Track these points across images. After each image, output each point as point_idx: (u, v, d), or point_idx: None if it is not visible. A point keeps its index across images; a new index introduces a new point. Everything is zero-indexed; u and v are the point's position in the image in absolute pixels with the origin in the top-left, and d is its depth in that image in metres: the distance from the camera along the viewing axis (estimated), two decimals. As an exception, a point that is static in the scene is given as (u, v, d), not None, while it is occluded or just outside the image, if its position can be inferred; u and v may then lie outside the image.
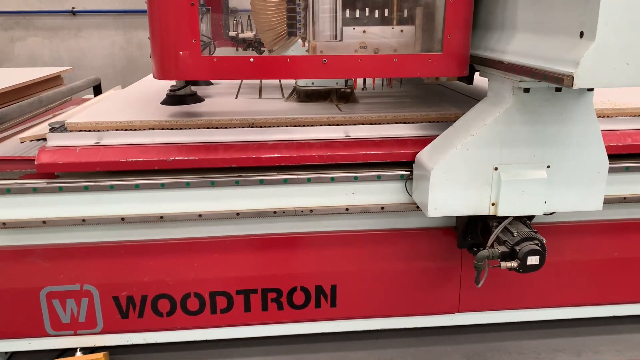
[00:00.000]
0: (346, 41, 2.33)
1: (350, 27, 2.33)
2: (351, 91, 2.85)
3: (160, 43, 2.18)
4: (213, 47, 2.88)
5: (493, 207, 2.21)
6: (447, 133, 2.31)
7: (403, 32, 2.36)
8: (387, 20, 2.36)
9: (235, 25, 3.07)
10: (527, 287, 2.71)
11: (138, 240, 2.45)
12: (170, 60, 2.17)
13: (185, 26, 2.11)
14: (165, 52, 2.17)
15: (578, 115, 2.11)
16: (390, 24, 2.36)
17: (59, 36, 7.46)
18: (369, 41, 2.34)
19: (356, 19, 2.35)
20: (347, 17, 2.33)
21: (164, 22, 2.14)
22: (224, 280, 2.55)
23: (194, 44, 2.13)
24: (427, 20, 2.33)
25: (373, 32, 2.35)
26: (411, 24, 2.36)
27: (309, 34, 2.33)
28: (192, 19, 2.10)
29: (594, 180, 2.21)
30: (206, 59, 2.19)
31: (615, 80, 1.62)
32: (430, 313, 2.74)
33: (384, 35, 2.35)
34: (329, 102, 2.86)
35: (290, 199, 2.42)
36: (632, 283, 2.76)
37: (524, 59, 1.92)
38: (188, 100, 2.76)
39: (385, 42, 2.35)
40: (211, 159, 2.33)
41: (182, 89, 2.75)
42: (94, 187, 2.31)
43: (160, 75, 2.25)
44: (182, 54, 2.13)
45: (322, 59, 2.23)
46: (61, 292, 2.48)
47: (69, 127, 2.40)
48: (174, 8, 2.09)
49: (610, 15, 1.57)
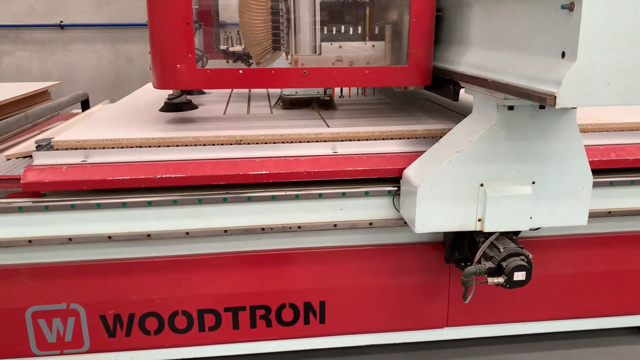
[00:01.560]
0: (324, 55, 2.64)
1: (328, 43, 2.63)
2: (330, 99, 3.14)
3: (159, 57, 2.45)
4: (206, 60, 3.04)
5: (479, 222, 2.23)
6: (434, 149, 2.33)
7: (375, 47, 2.67)
8: (360, 36, 2.67)
9: (226, 40, 3.28)
10: (514, 301, 2.73)
11: (125, 258, 2.44)
12: (168, 72, 2.45)
13: (181, 42, 2.39)
14: (164, 65, 2.45)
15: (562, 131, 2.14)
16: (363, 40, 2.67)
17: (47, 50, 7.44)
18: (344, 55, 2.64)
19: (333, 35, 2.66)
20: (325, 33, 2.64)
21: (163, 39, 2.42)
22: (212, 298, 2.54)
23: (189, 57, 2.42)
24: (395, 36, 2.63)
25: (348, 46, 2.65)
26: (381, 39, 2.67)
27: (292, 48, 2.63)
28: (188, 36, 2.39)
29: (578, 196, 2.24)
30: (200, 71, 2.47)
31: (596, 99, 1.65)
32: (419, 328, 2.75)
33: (358, 49, 2.66)
34: (311, 109, 3.14)
35: (278, 216, 2.43)
36: (617, 296, 2.79)
37: (508, 78, 1.95)
38: (184, 108, 3.01)
39: (359, 56, 2.65)
40: (198, 176, 2.33)
41: (178, 97, 2.98)
42: (81, 206, 2.30)
43: (160, 85, 2.52)
44: (179, 67, 2.42)
45: (303, 71, 2.52)
46: (47, 312, 2.46)
47: (55, 145, 2.39)
48: (172, 26, 2.38)
49: (590, 36, 1.60)
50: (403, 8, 2.55)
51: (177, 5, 2.35)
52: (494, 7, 2.15)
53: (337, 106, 3.19)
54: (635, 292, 2.80)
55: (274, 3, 2.59)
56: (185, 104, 3.02)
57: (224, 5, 3.55)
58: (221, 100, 3.51)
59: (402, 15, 2.58)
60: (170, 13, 2.37)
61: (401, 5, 2.57)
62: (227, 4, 3.51)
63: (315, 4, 2.57)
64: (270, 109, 3.18)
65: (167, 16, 2.38)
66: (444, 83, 2.56)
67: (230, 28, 3.26)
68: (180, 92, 2.98)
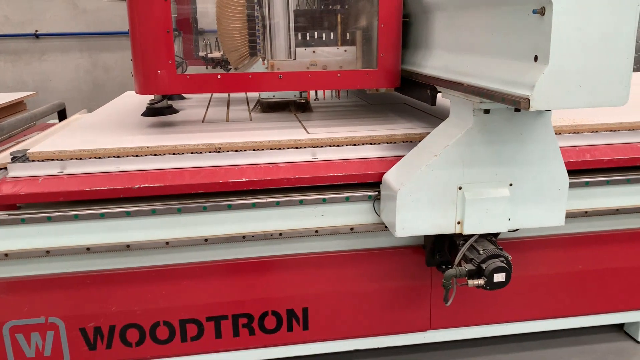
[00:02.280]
0: (299, 59, 2.77)
1: (302, 48, 2.77)
2: (306, 102, 3.26)
3: (141, 63, 2.55)
4: (185, 66, 3.17)
5: (459, 225, 2.25)
6: (412, 154, 2.34)
7: (346, 52, 2.82)
8: (333, 41, 2.84)
9: (205, 46, 3.35)
10: (496, 302, 2.75)
11: (104, 269, 2.41)
12: (150, 78, 2.55)
13: (162, 49, 2.50)
14: (146, 71, 2.54)
15: (537, 134, 2.17)
16: (335, 45, 2.84)
17: (22, 60, 7.33)
18: (318, 59, 2.79)
19: (307, 41, 2.80)
20: (299, 39, 2.78)
21: (144, 47, 2.52)
22: (193, 308, 2.51)
23: (170, 64, 2.52)
24: (365, 41, 2.78)
25: (321, 51, 2.79)
26: (353, 44, 2.84)
27: (268, 54, 2.76)
28: (168, 43, 2.50)
29: (555, 197, 2.27)
30: (181, 76, 2.60)
31: (569, 102, 1.68)
32: (403, 331, 2.75)
33: (331, 54, 2.81)
34: (288, 112, 3.23)
35: (259, 223, 2.42)
36: (597, 294, 2.83)
37: (483, 82, 1.98)
38: (165, 112, 3.14)
39: (332, 60, 2.80)
40: (177, 185, 2.31)
41: (159, 102, 3.12)
42: (58, 218, 2.27)
43: (142, 90, 2.63)
44: (160, 73, 2.52)
45: (279, 75, 2.64)
46: (25, 326, 2.41)
47: (31, 156, 2.36)
48: (152, 35, 2.48)
49: (562, 40, 1.63)
50: (372, 15, 2.67)
51: (157, 15, 2.44)
52: (460, 13, 2.18)
53: (314, 109, 3.30)
54: (614, 290, 2.84)
55: (250, 11, 2.72)
56: (167, 109, 3.15)
57: (202, 13, 3.62)
58: (201, 105, 3.57)
59: (371, 21, 2.70)
60: (150, 22, 2.46)
61: (370, 12, 2.70)
62: (206, 12, 3.59)
63: (290, 12, 2.71)
64: (249, 113, 3.24)
65: (147, 25, 2.47)
66: (421, 87, 2.58)
67: (209, 35, 3.33)
68: (161, 97, 3.10)
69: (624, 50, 1.67)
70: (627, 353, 2.92)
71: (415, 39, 2.77)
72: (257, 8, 2.71)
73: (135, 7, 2.46)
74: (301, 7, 2.81)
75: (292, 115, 3.12)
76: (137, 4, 2.45)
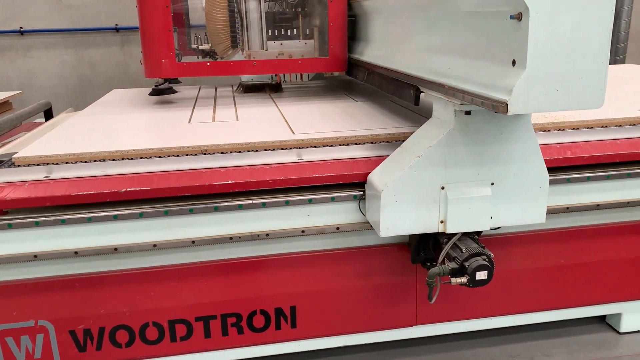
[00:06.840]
0: (270, 50, 3.62)
1: (272, 41, 3.63)
2: (278, 84, 4.14)
3: (149, 54, 3.41)
4: (181, 56, 3.71)
5: (442, 224, 2.29)
6: (396, 154, 2.37)
7: (306, 44, 3.69)
8: (296, 36, 3.71)
9: (196, 40, 3.97)
10: (480, 297, 2.80)
11: (93, 272, 2.43)
12: (156, 65, 3.40)
13: (165, 44, 3.35)
14: (153, 60, 3.40)
15: (518, 134, 2.21)
16: (298, 39, 3.70)
17: (7, 57, 7.26)
18: (285, 50, 3.65)
19: (276, 35, 3.67)
20: (270, 34, 3.63)
21: (152, 42, 3.38)
22: (182, 308, 2.54)
23: (171, 54, 3.37)
24: (320, 36, 3.64)
25: (287, 44, 3.66)
26: (311, 38, 3.70)
27: (245, 46, 3.59)
28: (169, 39, 3.35)
29: (536, 195, 2.31)
30: (179, 64, 3.44)
31: (546, 105, 1.71)
32: (390, 327, 2.80)
33: (294, 46, 3.67)
34: (264, 92, 4.07)
35: (246, 224, 2.44)
36: (577, 288, 2.89)
37: (464, 84, 2.00)
38: (166, 92, 3.95)
39: (295, 50, 3.66)
40: (164, 188, 2.33)
41: (162, 84, 3.91)
42: (45, 222, 2.28)
43: (150, 75, 3.48)
44: (163, 61, 3.37)
45: (254, 62, 3.53)
46: (15, 330, 2.43)
47: (17, 161, 2.36)
48: (157, 33, 3.34)
49: (539, 44, 1.65)
50: (324, 16, 3.51)
51: (161, 18, 3.31)
52: (447, 16, 2.20)
53: (285, 90, 4.13)
54: (596, 283, 2.90)
55: (231, 13, 3.48)
56: (167, 90, 3.98)
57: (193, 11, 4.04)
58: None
59: (324, 21, 3.53)
60: (156, 24, 3.32)
61: (323, 14, 3.53)
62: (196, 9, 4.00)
63: (262, 13, 3.54)
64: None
65: (154, 26, 3.33)
66: (405, 88, 2.61)
67: (199, 30, 3.86)
68: (163, 80, 3.89)
69: (599, 54, 1.70)
70: (609, 343, 2.99)
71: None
72: (237, 11, 3.48)
73: (144, 12, 3.34)
74: (271, 10, 3.67)
75: (267, 95, 3.93)
76: (145, 10, 3.32)
